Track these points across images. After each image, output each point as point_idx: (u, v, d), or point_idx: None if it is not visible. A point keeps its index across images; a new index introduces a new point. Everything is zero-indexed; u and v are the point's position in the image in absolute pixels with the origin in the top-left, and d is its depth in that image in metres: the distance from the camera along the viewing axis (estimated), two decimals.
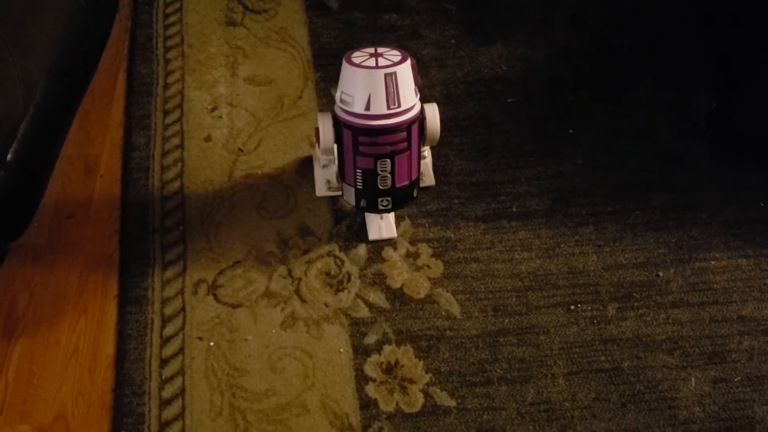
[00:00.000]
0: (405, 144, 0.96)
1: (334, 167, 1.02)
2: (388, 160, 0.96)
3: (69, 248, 1.06)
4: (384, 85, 0.91)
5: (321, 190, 1.09)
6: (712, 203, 1.10)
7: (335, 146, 0.98)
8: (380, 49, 0.95)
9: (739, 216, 1.08)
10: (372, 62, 0.92)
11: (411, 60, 0.94)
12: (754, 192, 1.11)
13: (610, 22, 1.31)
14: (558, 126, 1.18)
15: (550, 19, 1.31)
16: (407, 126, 0.95)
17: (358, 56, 0.94)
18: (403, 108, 0.93)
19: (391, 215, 1.06)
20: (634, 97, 1.22)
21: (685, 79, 1.24)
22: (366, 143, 0.95)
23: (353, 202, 1.02)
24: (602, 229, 1.07)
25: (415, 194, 1.02)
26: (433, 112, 0.98)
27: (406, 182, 0.99)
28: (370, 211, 1.04)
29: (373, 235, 1.06)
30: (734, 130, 1.13)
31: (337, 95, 0.96)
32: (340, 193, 1.05)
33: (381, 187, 0.98)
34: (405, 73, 0.92)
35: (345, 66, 0.93)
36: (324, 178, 1.08)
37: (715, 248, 1.05)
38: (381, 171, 0.97)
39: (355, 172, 0.98)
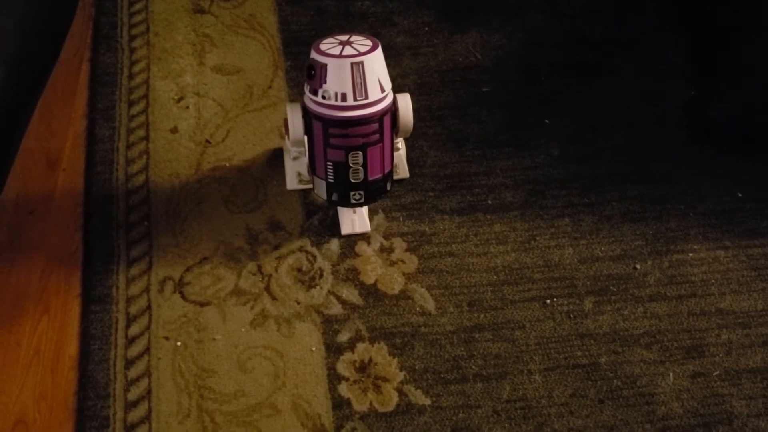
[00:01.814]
0: (377, 136, 0.93)
1: (305, 159, 1.00)
2: (360, 152, 0.93)
3: (30, 245, 1.02)
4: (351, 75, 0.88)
5: (292, 183, 1.05)
6: (690, 194, 1.08)
7: (305, 138, 0.95)
8: (352, 37, 0.92)
9: (716, 207, 1.07)
10: (340, 51, 0.89)
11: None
12: (732, 182, 1.10)
13: (586, 9, 1.29)
14: (533, 116, 1.16)
15: (525, 5, 1.28)
16: (379, 117, 0.92)
17: (326, 44, 0.91)
18: (372, 99, 0.90)
19: (365, 209, 1.03)
20: (611, 86, 1.20)
21: (663, 67, 1.22)
22: (337, 135, 0.92)
23: (324, 196, 0.99)
24: (578, 222, 1.05)
25: (388, 187, 0.99)
26: (405, 102, 0.95)
27: (379, 175, 0.96)
28: (342, 205, 1.01)
29: (346, 230, 1.03)
30: (712, 120, 1.12)
31: (307, 85, 0.93)
32: (311, 186, 1.02)
33: (353, 181, 0.96)
34: (374, 62, 0.89)
35: (312, 54, 0.90)
36: (295, 170, 1.05)
37: (693, 240, 1.04)
38: (353, 164, 0.94)
39: (326, 164, 0.95)
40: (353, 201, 0.98)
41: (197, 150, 1.11)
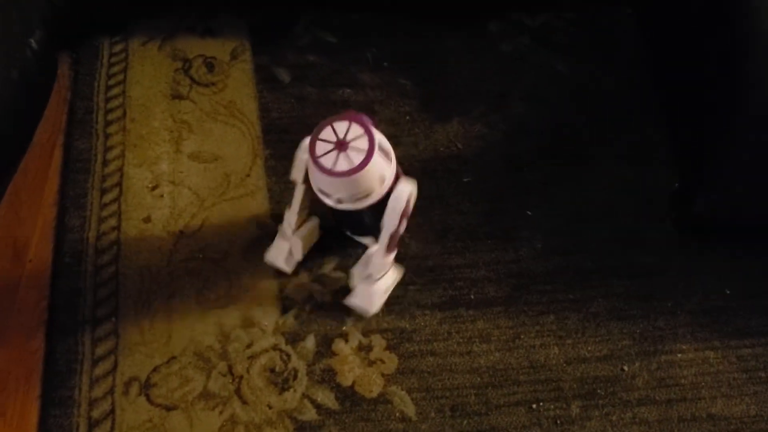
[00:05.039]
0: None
1: (296, 240, 1.00)
2: None
3: None
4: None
5: (279, 260, 1.03)
6: (678, 290, 1.05)
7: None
8: (345, 133, 0.87)
9: (705, 304, 1.04)
10: (338, 162, 0.86)
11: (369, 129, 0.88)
12: (720, 278, 1.07)
13: (568, 98, 1.28)
14: (516, 207, 1.14)
15: (506, 95, 1.27)
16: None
17: (322, 148, 0.87)
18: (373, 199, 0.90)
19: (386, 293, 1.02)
20: (594, 175, 1.18)
21: (647, 157, 1.21)
22: None
23: None
24: (564, 319, 1.02)
25: None
26: (402, 189, 0.92)
27: None
28: None
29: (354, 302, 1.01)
30: (697, 213, 1.10)
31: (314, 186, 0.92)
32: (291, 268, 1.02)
33: None
34: (371, 171, 0.87)
35: (311, 164, 0.87)
36: (285, 248, 1.02)
37: (681, 339, 1.01)
38: None
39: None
40: None
41: (170, 240, 1.07)
